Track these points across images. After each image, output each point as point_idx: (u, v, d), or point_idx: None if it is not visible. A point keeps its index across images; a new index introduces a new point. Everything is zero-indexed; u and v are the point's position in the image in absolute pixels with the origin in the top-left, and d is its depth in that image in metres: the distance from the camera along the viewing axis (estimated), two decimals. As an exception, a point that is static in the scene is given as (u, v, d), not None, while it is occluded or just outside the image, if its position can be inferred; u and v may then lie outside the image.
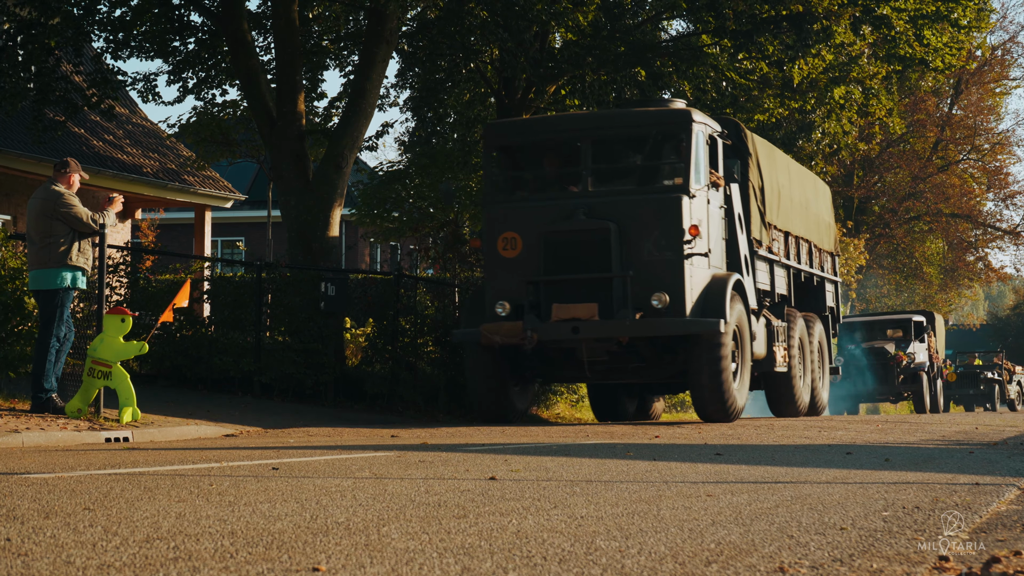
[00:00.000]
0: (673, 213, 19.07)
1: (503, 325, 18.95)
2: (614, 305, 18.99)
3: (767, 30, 27.53)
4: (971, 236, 69.21)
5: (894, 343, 43.02)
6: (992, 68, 65.02)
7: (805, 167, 28.55)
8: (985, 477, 8.91)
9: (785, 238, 24.05)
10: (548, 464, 9.81)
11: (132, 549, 4.85)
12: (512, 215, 19.68)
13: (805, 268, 25.55)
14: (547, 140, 20.36)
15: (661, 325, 18.83)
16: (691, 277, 19.08)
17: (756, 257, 21.86)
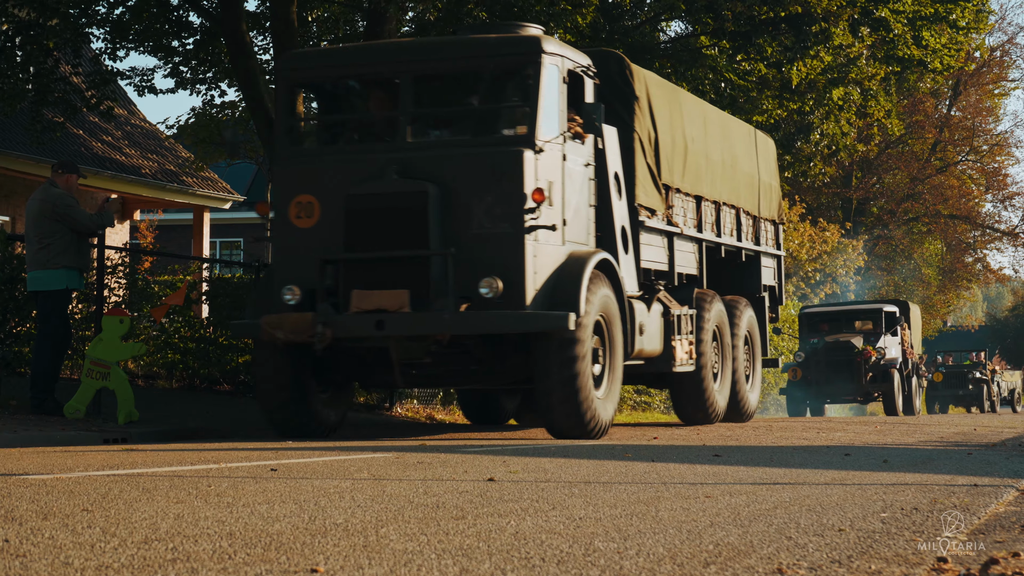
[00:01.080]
0: (511, 172, 14.83)
1: (288, 317, 14.75)
2: (431, 292, 14.68)
3: (766, 31, 27.55)
4: (969, 237, 69.28)
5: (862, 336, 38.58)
6: (991, 69, 65.08)
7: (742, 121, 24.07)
8: (983, 478, 8.91)
9: (697, 204, 19.82)
10: (546, 465, 9.82)
11: (130, 550, 4.85)
12: (308, 174, 15.50)
13: (728, 241, 21.15)
14: (358, 75, 16.27)
15: (490, 320, 14.62)
16: (534, 256, 14.83)
17: (644, 229, 17.75)
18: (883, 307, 39.68)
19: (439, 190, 14.80)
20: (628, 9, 30.35)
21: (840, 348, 37.70)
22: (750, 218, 22.48)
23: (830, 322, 39.73)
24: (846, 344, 37.69)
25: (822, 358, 37.66)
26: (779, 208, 24.39)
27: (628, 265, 17.16)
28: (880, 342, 38.03)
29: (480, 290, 14.51)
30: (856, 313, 40.68)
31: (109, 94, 24.81)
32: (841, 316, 40.28)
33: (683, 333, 18.57)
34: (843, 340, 37.86)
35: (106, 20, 24.78)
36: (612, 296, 16.00)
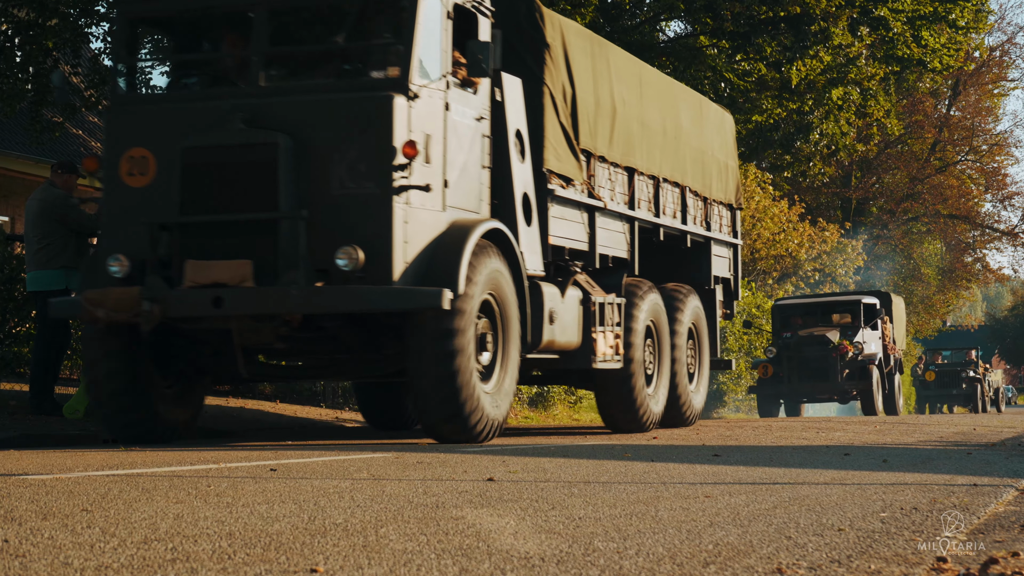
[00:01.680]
0: (378, 122, 12.65)
1: (111, 292, 12.55)
2: (279, 264, 12.49)
3: (765, 31, 27.58)
4: (969, 237, 69.30)
5: (839, 330, 35.38)
6: (990, 69, 65.07)
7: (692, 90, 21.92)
8: (983, 478, 8.91)
9: (629, 177, 17.59)
10: (546, 465, 9.81)
11: (130, 550, 4.85)
12: (142, 123, 13.23)
13: (669, 223, 18.87)
14: (207, 9, 13.77)
15: (345, 297, 12.44)
16: (405, 223, 12.63)
17: (555, 200, 15.51)
18: (862, 299, 36.87)
19: (293, 143, 12.60)
20: (627, 9, 30.36)
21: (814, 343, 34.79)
22: (699, 199, 20.32)
23: (804, 315, 36.79)
24: (820, 338, 34.74)
25: (795, 353, 34.73)
26: (737, 191, 22.12)
27: (531, 239, 14.88)
28: (858, 336, 35.22)
29: (337, 261, 12.33)
30: (833, 305, 37.38)
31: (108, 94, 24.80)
32: (816, 308, 37.19)
33: (607, 324, 16.36)
34: (817, 334, 34.89)
35: (106, 19, 24.77)
36: (506, 273, 13.84)
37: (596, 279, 16.86)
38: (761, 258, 48.13)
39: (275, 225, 12.51)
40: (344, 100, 12.90)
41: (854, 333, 35.14)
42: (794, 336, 34.99)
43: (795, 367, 34.65)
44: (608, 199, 16.91)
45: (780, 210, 48.37)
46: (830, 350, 34.43)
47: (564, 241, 15.84)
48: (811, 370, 34.62)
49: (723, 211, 21.49)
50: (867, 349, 35.21)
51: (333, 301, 12.45)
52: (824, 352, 34.53)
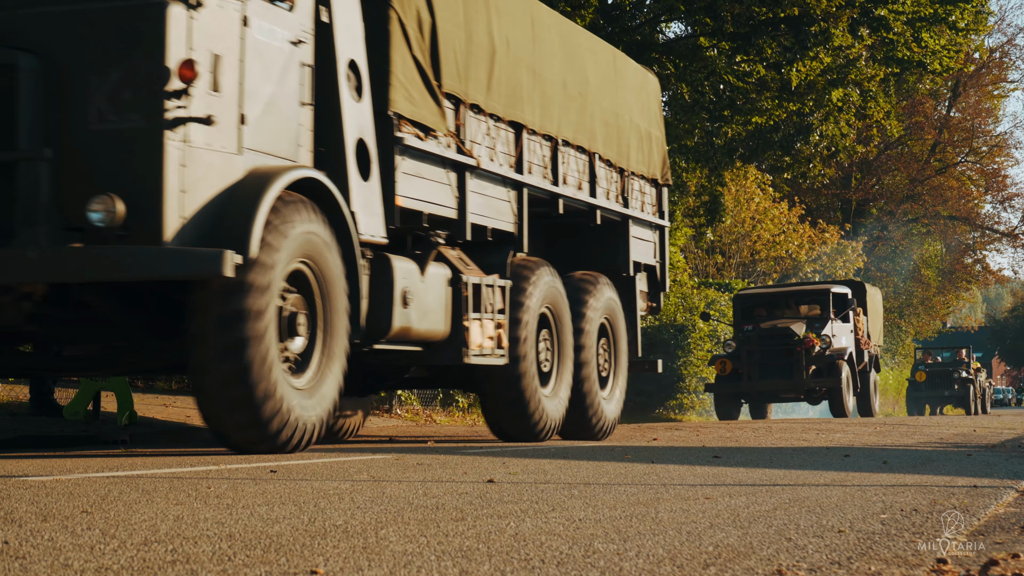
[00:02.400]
0: (147, 36, 10.13)
1: None
2: (17, 218, 10.06)
3: (765, 32, 27.58)
4: (969, 238, 69.35)
5: (805, 323, 32.13)
6: (990, 71, 65.12)
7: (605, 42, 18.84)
8: (983, 480, 8.91)
9: (517, 135, 14.93)
10: (546, 467, 9.81)
11: (130, 552, 4.84)
12: None
13: (571, 193, 16.24)
14: None
15: (96, 260, 9.82)
16: (182, 166, 10.06)
17: (405, 151, 12.70)
18: (831, 288, 33.44)
19: (39, 64, 10.16)
20: (628, 10, 30.36)
21: (776, 336, 31.56)
22: (613, 170, 17.64)
23: (768, 306, 33.52)
24: (784, 331, 31.50)
25: (755, 348, 31.54)
26: (663, 165, 19.35)
27: (368, 198, 12.20)
28: (826, 329, 31.96)
29: (89, 215, 9.80)
30: (800, 296, 34.16)
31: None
32: (781, 299, 33.88)
33: (486, 311, 13.83)
34: (781, 326, 31.67)
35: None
36: (329, 239, 11.24)
37: (475, 257, 14.42)
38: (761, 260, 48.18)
39: (10, 168, 10.04)
40: (105, 9, 10.31)
41: (822, 325, 31.91)
42: (755, 329, 31.83)
43: (755, 363, 31.48)
44: (485, 157, 14.21)
45: (780, 211, 48.47)
46: (794, 344, 31.18)
47: (420, 204, 13.04)
48: (773, 366, 31.40)
49: (646, 187, 18.77)
50: (837, 343, 32.11)
51: (77, 266, 9.82)
52: (787, 346, 31.33)
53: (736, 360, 31.65)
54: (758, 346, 31.51)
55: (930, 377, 50.35)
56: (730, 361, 31.71)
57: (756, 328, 31.81)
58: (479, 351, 13.80)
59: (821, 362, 31.37)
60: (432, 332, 13.24)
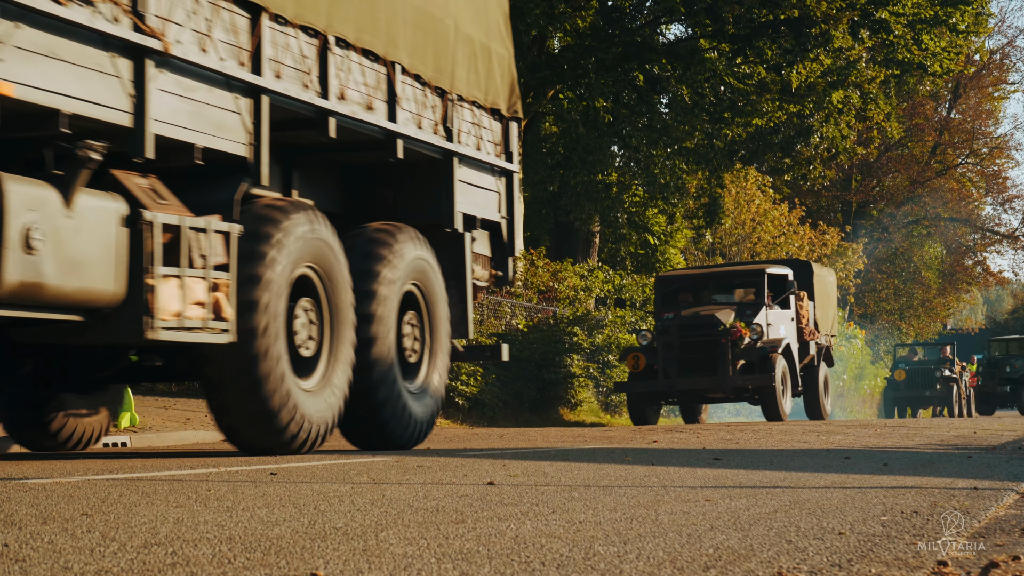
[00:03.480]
0: None
1: None
2: None
3: (765, 34, 27.58)
4: (969, 240, 69.35)
5: (734, 309, 26.72)
6: (990, 72, 65.11)
7: None
8: (984, 482, 8.90)
9: (253, 22, 11.28)
10: (546, 469, 9.80)
11: (130, 555, 4.84)
12: None
13: (346, 110, 12.48)
14: None
15: None
16: None
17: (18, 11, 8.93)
18: (766, 268, 27.67)
19: None
20: (628, 12, 30.37)
21: (698, 325, 26.18)
22: (429, 91, 14.01)
23: (695, 290, 28.17)
24: (706, 320, 26.17)
25: (673, 339, 26.17)
26: (511, 93, 15.71)
27: None
28: (759, 316, 26.56)
29: None
30: (730, 278, 28.59)
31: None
32: (710, 281, 28.41)
33: (193, 265, 10.28)
34: (704, 314, 26.33)
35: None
36: None
37: (190, 192, 10.89)
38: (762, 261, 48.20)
39: None
40: None
41: (754, 312, 26.54)
42: (675, 317, 26.38)
43: (673, 357, 26.11)
44: (192, 44, 10.57)
45: (780, 213, 48.44)
46: (718, 334, 25.86)
47: (54, 98, 9.30)
48: (694, 361, 26.09)
49: (483, 118, 15.15)
50: (773, 333, 26.93)
51: None
52: (710, 337, 25.97)
53: (651, 354, 26.18)
54: (676, 337, 26.07)
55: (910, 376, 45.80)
56: (643, 355, 26.21)
57: (677, 316, 26.34)
58: (176, 322, 10.12)
59: (751, 355, 26.04)
60: (90, 293, 9.69)
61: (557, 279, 30.37)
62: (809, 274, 29.68)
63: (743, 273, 28.28)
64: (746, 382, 25.90)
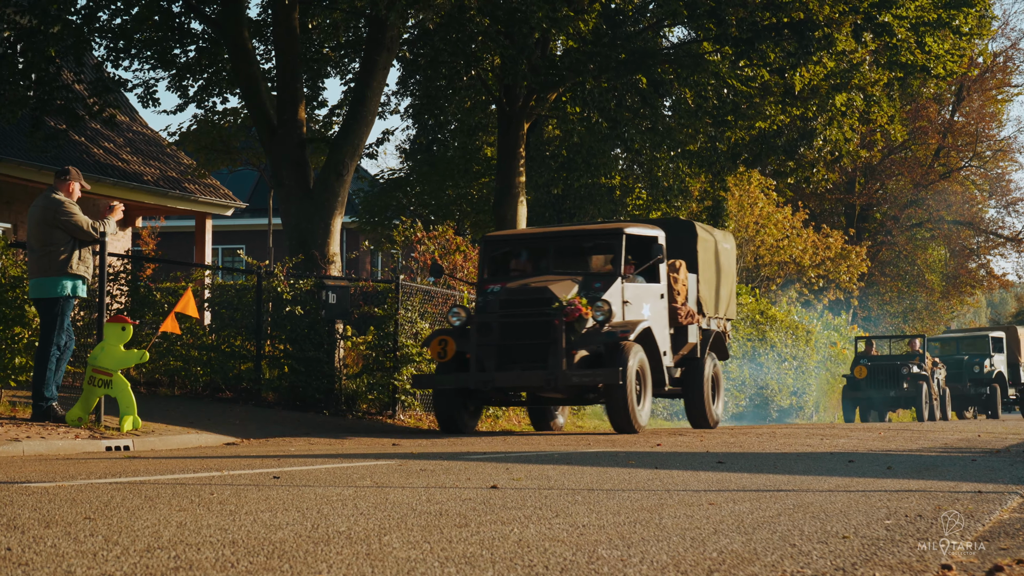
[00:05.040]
0: None
1: None
2: None
3: (768, 37, 27.55)
4: (973, 243, 69.29)
5: (578, 282, 19.63)
6: (994, 75, 65.06)
7: None
8: (988, 485, 8.89)
9: None
10: (550, 472, 9.79)
11: (133, 559, 4.83)
12: None
13: None
14: None
15: None
16: None
17: None
18: (625, 229, 20.40)
19: None
20: (631, 15, 30.36)
21: (526, 302, 19.15)
22: None
23: (533, 256, 21.03)
24: (537, 294, 19.12)
25: (493, 319, 19.08)
26: None
27: None
28: (610, 292, 19.44)
29: None
30: (579, 240, 21.26)
31: (112, 102, 24.83)
32: (551, 244, 20.97)
33: None
34: (534, 286, 19.24)
35: (108, 28, 24.79)
36: None
37: None
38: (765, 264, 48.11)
39: None
40: None
41: (605, 286, 19.56)
42: (502, 291, 19.38)
43: (491, 344, 19.07)
44: None
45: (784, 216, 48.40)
46: (551, 313, 18.81)
47: None
48: (518, 349, 19.09)
49: None
50: (630, 314, 19.88)
51: None
52: (540, 317, 18.95)
53: (463, 339, 19.32)
54: (497, 317, 19.10)
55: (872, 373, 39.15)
56: (452, 340, 19.26)
57: (503, 289, 19.39)
58: None
59: (596, 343, 19.01)
60: None
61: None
62: (691, 238, 22.70)
63: (594, 234, 21.13)
64: (586, 378, 18.69)
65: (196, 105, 29.52)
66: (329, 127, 31.76)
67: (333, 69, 30.97)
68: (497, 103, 31.30)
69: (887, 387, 39.06)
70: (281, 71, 24.34)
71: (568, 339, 18.90)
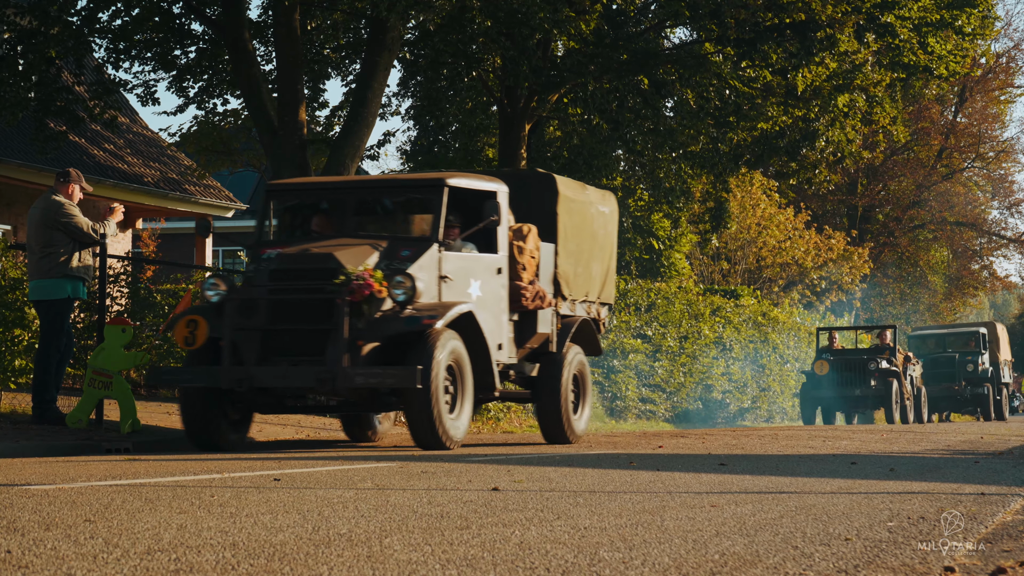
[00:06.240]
0: None
1: None
2: None
3: (770, 38, 27.53)
4: (976, 244, 69.32)
5: (380, 249, 14.75)
6: (997, 76, 65.07)
7: None
8: (990, 487, 8.88)
9: None
10: (551, 475, 9.78)
11: (133, 561, 4.82)
12: None
13: None
14: None
15: None
16: None
17: None
18: (448, 179, 15.58)
19: None
20: (632, 16, 30.35)
21: (300, 272, 14.47)
22: None
23: (334, 213, 16.20)
24: (317, 262, 14.45)
25: (259, 295, 14.43)
26: None
27: None
28: (421, 262, 14.67)
29: None
30: (391, 193, 16.56)
31: (112, 104, 24.82)
32: (354, 198, 16.22)
33: None
34: (318, 252, 14.59)
35: (108, 29, 24.79)
36: None
37: None
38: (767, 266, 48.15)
39: None
40: None
41: (416, 254, 14.78)
42: (277, 257, 14.70)
43: (254, 328, 14.33)
44: None
45: (786, 218, 48.44)
46: (332, 290, 14.05)
47: None
48: (288, 337, 14.29)
49: None
50: (449, 293, 15.07)
51: None
52: (318, 295, 14.20)
53: (216, 320, 14.45)
54: (264, 291, 14.42)
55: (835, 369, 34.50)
56: (204, 321, 14.46)
57: (278, 256, 14.71)
58: None
59: (392, 330, 14.18)
60: None
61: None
62: (551, 197, 17.32)
63: (407, 186, 16.53)
64: (373, 378, 13.92)
65: (196, 106, 29.50)
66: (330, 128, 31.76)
67: (334, 70, 30.97)
68: (498, 104, 31.30)
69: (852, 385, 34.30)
70: (282, 72, 24.33)
71: (355, 325, 14.13)
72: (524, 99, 30.08)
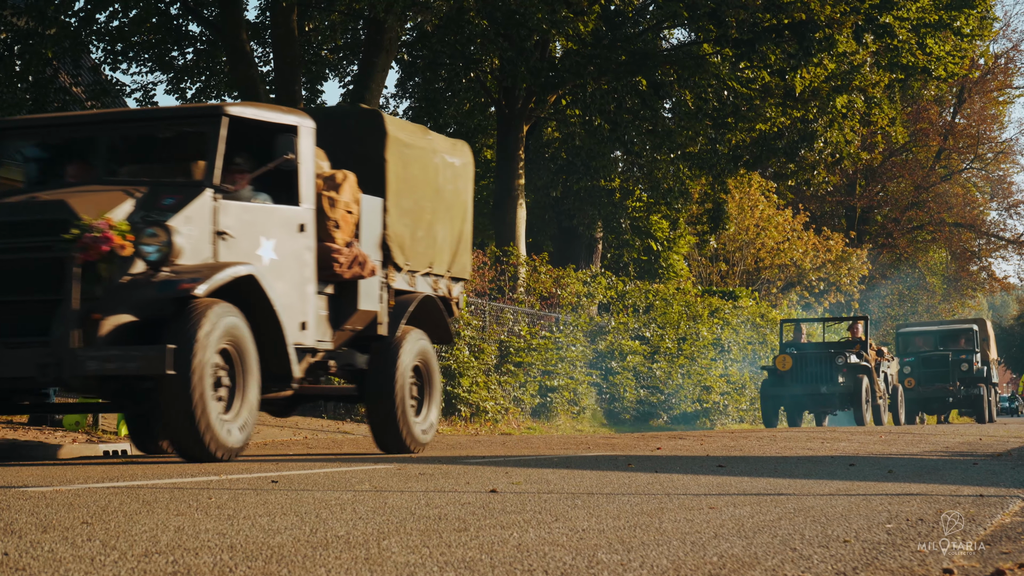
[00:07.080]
0: None
1: None
2: None
3: (769, 39, 27.56)
4: (974, 246, 69.30)
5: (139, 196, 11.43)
6: (995, 77, 65.06)
7: None
8: (989, 489, 8.87)
9: None
10: (549, 477, 9.78)
11: (130, 563, 4.81)
12: None
13: None
14: None
15: None
16: None
17: None
18: (228, 110, 12.05)
19: None
20: (630, 17, 30.37)
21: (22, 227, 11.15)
22: None
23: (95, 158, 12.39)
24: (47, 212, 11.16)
25: None
26: None
27: None
28: (187, 212, 11.35)
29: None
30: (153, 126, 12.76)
31: (109, 104, 24.84)
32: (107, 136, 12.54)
33: None
34: (47, 200, 11.40)
35: (106, 30, 24.81)
36: None
37: None
38: (765, 267, 48.16)
39: None
40: None
41: (181, 202, 11.51)
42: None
43: None
44: None
45: (784, 219, 48.45)
46: (62, 249, 10.87)
47: None
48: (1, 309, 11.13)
49: None
50: (226, 252, 11.75)
51: None
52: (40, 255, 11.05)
53: None
54: None
55: (800, 364, 30.38)
56: None
57: None
58: None
59: (138, 297, 11.08)
60: None
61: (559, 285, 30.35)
62: (377, 138, 14.07)
63: (173, 118, 12.88)
64: (111, 363, 10.78)
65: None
66: (329, 129, 31.74)
67: (332, 71, 31.01)
68: (496, 105, 31.33)
69: (818, 381, 30.20)
70: (280, 73, 24.35)
71: (90, 293, 10.96)
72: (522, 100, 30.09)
